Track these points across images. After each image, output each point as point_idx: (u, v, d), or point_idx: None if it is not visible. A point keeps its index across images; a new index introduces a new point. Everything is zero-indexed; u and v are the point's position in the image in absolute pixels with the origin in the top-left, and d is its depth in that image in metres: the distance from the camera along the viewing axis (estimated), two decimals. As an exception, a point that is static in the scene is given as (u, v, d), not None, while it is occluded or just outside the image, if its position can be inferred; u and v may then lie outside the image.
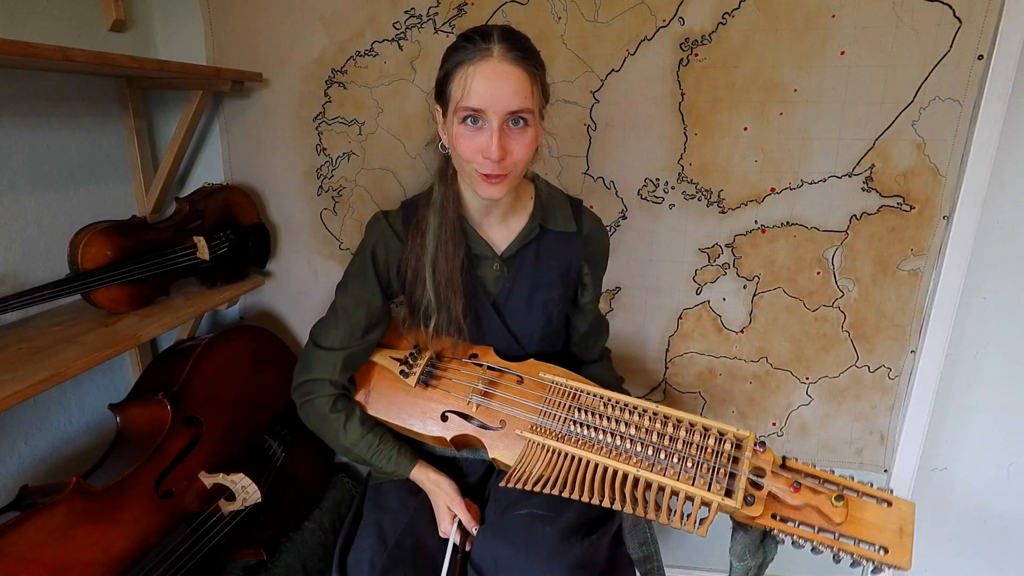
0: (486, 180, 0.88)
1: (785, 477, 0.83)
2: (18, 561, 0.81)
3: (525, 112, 0.85)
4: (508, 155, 0.86)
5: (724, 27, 1.21)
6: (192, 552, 1.02)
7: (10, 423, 1.13)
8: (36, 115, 1.15)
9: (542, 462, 0.88)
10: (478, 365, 1.03)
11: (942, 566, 1.55)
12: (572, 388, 0.96)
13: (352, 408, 1.02)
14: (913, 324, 1.32)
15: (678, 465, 0.83)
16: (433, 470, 1.02)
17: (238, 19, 1.35)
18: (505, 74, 0.83)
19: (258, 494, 1.11)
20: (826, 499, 0.80)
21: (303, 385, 1.02)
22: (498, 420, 0.96)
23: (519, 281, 1.03)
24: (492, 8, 1.26)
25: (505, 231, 1.03)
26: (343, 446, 1.01)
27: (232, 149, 1.44)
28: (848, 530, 0.79)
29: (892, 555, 0.77)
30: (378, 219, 1.04)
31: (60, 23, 1.17)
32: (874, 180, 1.25)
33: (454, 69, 0.86)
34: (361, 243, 1.05)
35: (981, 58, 1.15)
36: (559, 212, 1.04)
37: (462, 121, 0.86)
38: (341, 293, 1.04)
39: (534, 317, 1.05)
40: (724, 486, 0.81)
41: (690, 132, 1.28)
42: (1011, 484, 1.45)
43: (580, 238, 1.05)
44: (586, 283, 1.09)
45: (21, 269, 1.13)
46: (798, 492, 0.81)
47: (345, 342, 1.01)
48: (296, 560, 1.17)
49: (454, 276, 0.97)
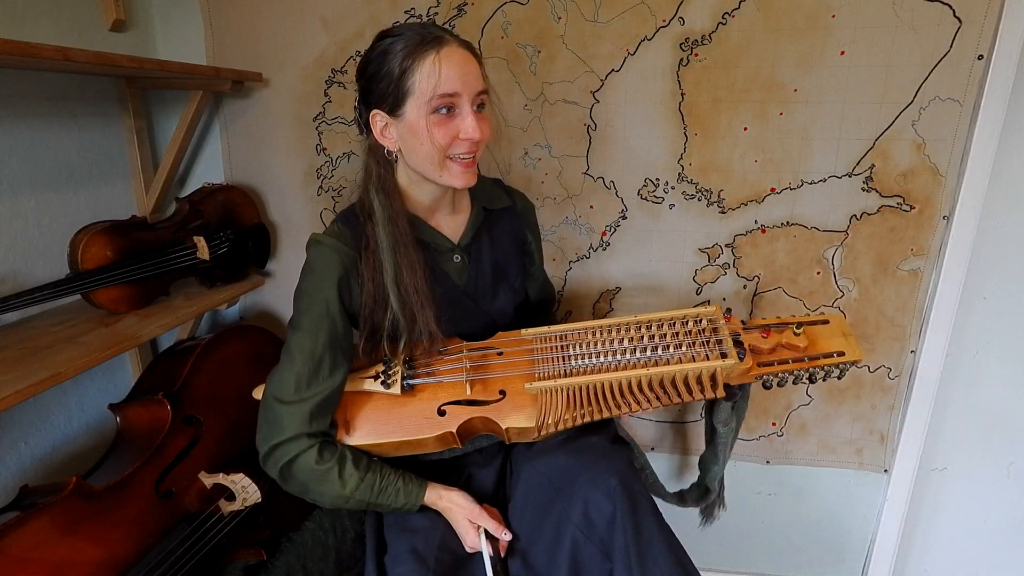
0: (463, 165, 0.89)
1: (755, 331, 0.98)
2: (18, 561, 0.81)
3: (485, 93, 0.89)
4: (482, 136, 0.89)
5: (724, 27, 1.21)
6: (192, 552, 1.02)
7: (10, 423, 1.13)
8: (36, 115, 1.15)
9: (561, 403, 0.91)
10: (457, 350, 1.01)
11: (942, 566, 1.55)
12: (555, 332, 0.99)
13: (342, 452, 0.91)
14: (913, 324, 1.32)
15: (674, 353, 0.92)
16: (443, 487, 0.96)
17: (238, 19, 1.35)
18: (465, 58, 0.87)
19: (258, 494, 1.11)
20: (789, 333, 0.96)
21: (276, 450, 0.89)
22: (496, 392, 0.96)
23: (482, 265, 1.04)
24: (492, 8, 1.26)
25: (453, 221, 1.03)
26: (343, 497, 0.90)
27: (232, 149, 1.44)
28: (812, 350, 0.96)
29: (848, 354, 0.95)
30: (320, 240, 0.93)
31: (60, 23, 1.17)
32: (874, 180, 1.25)
33: (413, 63, 0.84)
34: (307, 271, 0.93)
35: (981, 58, 1.15)
36: (492, 191, 1.08)
37: (434, 111, 0.85)
38: (296, 333, 0.91)
39: (504, 295, 1.07)
40: (718, 352, 0.91)
41: (690, 132, 1.28)
42: (1011, 484, 1.45)
43: (516, 209, 1.10)
44: (531, 251, 1.14)
45: (21, 269, 1.13)
46: (768, 336, 0.96)
47: (313, 387, 0.89)
48: (296, 560, 1.17)
49: (421, 286, 0.93)
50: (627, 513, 0.86)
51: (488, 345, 1.02)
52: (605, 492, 0.87)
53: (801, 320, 1.01)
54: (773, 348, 0.96)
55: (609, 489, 0.87)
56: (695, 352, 0.91)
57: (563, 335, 0.98)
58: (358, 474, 0.90)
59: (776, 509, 1.51)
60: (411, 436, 0.94)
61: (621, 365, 0.92)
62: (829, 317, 1.02)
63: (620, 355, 0.93)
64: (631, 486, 0.88)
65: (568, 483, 0.91)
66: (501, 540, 0.94)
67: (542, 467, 0.95)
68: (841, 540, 1.53)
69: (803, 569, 1.55)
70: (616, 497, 0.86)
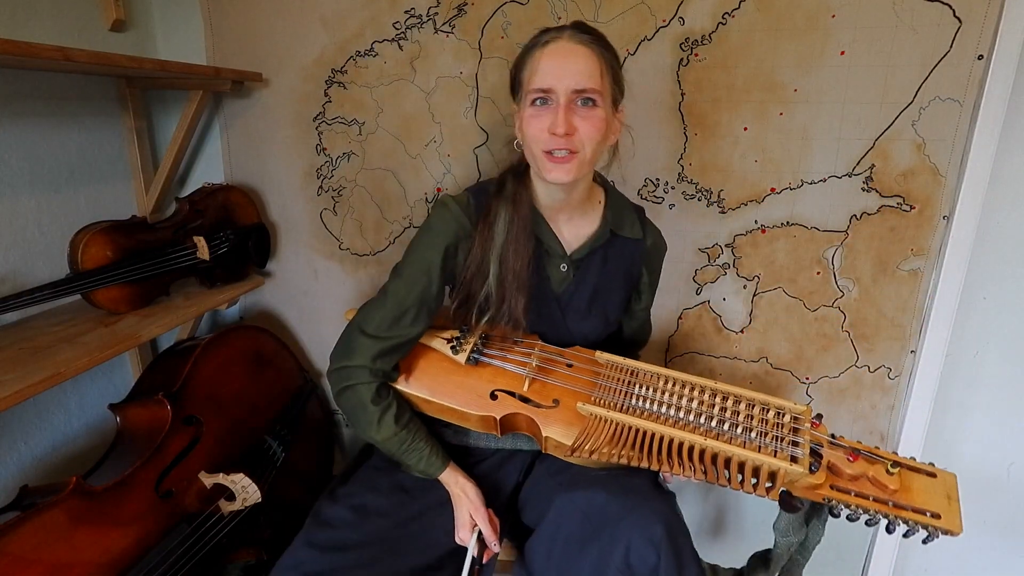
0: (552, 160, 0.88)
1: (841, 448, 0.87)
2: (18, 561, 0.81)
3: (592, 92, 0.86)
4: (575, 132, 0.86)
5: (724, 27, 1.21)
6: (192, 552, 1.02)
7: (10, 423, 1.13)
8: (36, 115, 1.15)
9: (606, 435, 0.87)
10: (530, 346, 1.01)
11: (942, 566, 1.55)
12: (629, 366, 0.96)
13: (391, 401, 0.97)
14: (913, 324, 1.32)
15: (742, 436, 0.84)
16: (463, 475, 0.99)
17: (238, 19, 1.35)
18: (572, 52, 0.86)
19: (258, 494, 1.11)
20: (881, 468, 0.83)
21: (343, 370, 0.97)
22: (551, 399, 0.95)
23: (584, 283, 1.03)
24: (492, 8, 1.26)
25: (575, 231, 1.02)
26: (375, 439, 0.97)
27: (232, 149, 1.44)
28: (902, 498, 0.82)
29: (944, 520, 0.80)
30: (446, 204, 0.98)
31: (60, 23, 1.17)
32: (874, 180, 1.25)
33: (525, 56, 0.90)
34: (425, 227, 0.99)
35: (981, 58, 1.14)
36: (626, 218, 1.05)
37: (532, 103, 0.88)
38: (396, 278, 0.98)
39: (593, 319, 1.05)
40: (788, 454, 0.82)
41: (690, 132, 1.28)
42: (1011, 484, 1.45)
43: (644, 245, 1.06)
44: (642, 290, 1.11)
45: (21, 269, 1.13)
46: (856, 461, 0.84)
47: (392, 330, 0.95)
48: (296, 560, 1.17)
49: (521, 272, 0.94)
50: (671, 566, 0.82)
51: (561, 353, 1.01)
52: (650, 540, 0.83)
53: (901, 461, 0.87)
54: (857, 476, 0.84)
55: (654, 537, 0.83)
56: (764, 443, 0.83)
57: (634, 371, 0.95)
58: (395, 427, 0.96)
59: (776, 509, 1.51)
60: (459, 406, 0.97)
61: (680, 424, 0.87)
62: (939, 472, 0.87)
63: (684, 413, 0.88)
64: (676, 537, 0.84)
65: (609, 523, 0.86)
66: (490, 549, 0.95)
67: (580, 500, 0.90)
68: (841, 540, 1.53)
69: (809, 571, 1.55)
70: (661, 547, 0.82)
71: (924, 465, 0.87)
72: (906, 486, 0.84)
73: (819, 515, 0.92)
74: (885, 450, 0.89)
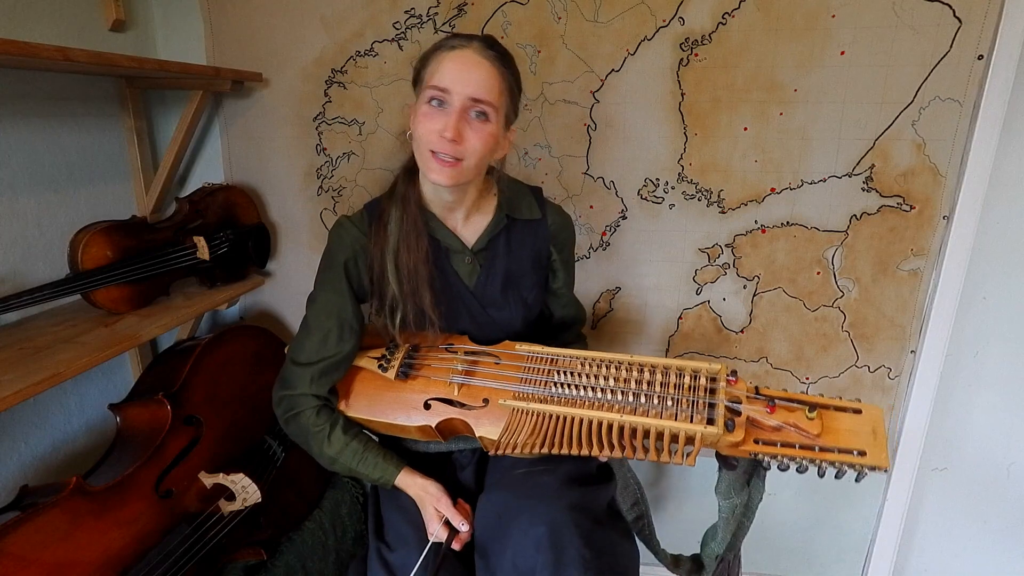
0: (436, 160, 0.89)
1: (761, 401, 0.86)
2: (18, 561, 0.81)
3: (487, 105, 0.89)
4: (463, 141, 0.88)
5: (724, 27, 1.21)
6: (192, 552, 1.02)
7: (10, 423, 1.13)
8: (36, 115, 1.15)
9: (528, 426, 0.89)
10: (455, 351, 1.03)
11: (942, 566, 1.55)
12: (549, 354, 0.98)
13: (335, 418, 1.00)
14: (913, 324, 1.32)
15: (659, 406, 0.85)
16: (419, 475, 1.00)
17: (238, 19, 1.35)
18: (476, 63, 0.88)
19: (258, 494, 1.11)
20: (801, 414, 0.83)
21: (284, 400, 1.01)
22: (480, 399, 0.96)
23: (493, 272, 1.05)
24: (492, 8, 1.26)
25: (473, 226, 1.04)
26: (329, 457, 0.99)
27: (232, 149, 1.44)
28: (826, 441, 0.82)
29: (870, 456, 0.79)
30: (341, 224, 1.02)
31: (60, 23, 1.17)
32: (874, 180, 1.25)
33: (432, 54, 0.91)
34: (326, 252, 1.03)
35: (981, 58, 1.15)
36: (523, 201, 1.07)
37: (428, 101, 0.90)
38: (311, 306, 1.03)
39: (512, 305, 1.06)
40: (705, 417, 0.83)
41: (690, 132, 1.28)
42: (1011, 484, 1.45)
43: (546, 223, 1.08)
44: (556, 268, 1.12)
45: (21, 269, 1.13)
46: (774, 412, 0.84)
47: (319, 354, 0.99)
48: (296, 560, 1.17)
49: (418, 267, 0.97)
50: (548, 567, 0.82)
51: (488, 351, 1.02)
52: (533, 541, 0.84)
53: (822, 402, 0.86)
54: (779, 426, 0.84)
55: (536, 538, 0.84)
56: (680, 409, 0.84)
57: (553, 359, 0.96)
58: (345, 438, 0.99)
59: (776, 509, 1.51)
60: (397, 421, 0.99)
61: (598, 404, 0.88)
62: (864, 408, 0.85)
63: (602, 393, 0.88)
64: (560, 538, 0.83)
65: (506, 524, 0.89)
66: (460, 533, 0.95)
67: (495, 498, 0.94)
68: (841, 540, 1.53)
69: (803, 569, 1.55)
70: (542, 548, 0.83)
71: (850, 402, 0.85)
72: (832, 428, 0.83)
73: (757, 473, 0.92)
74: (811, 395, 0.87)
